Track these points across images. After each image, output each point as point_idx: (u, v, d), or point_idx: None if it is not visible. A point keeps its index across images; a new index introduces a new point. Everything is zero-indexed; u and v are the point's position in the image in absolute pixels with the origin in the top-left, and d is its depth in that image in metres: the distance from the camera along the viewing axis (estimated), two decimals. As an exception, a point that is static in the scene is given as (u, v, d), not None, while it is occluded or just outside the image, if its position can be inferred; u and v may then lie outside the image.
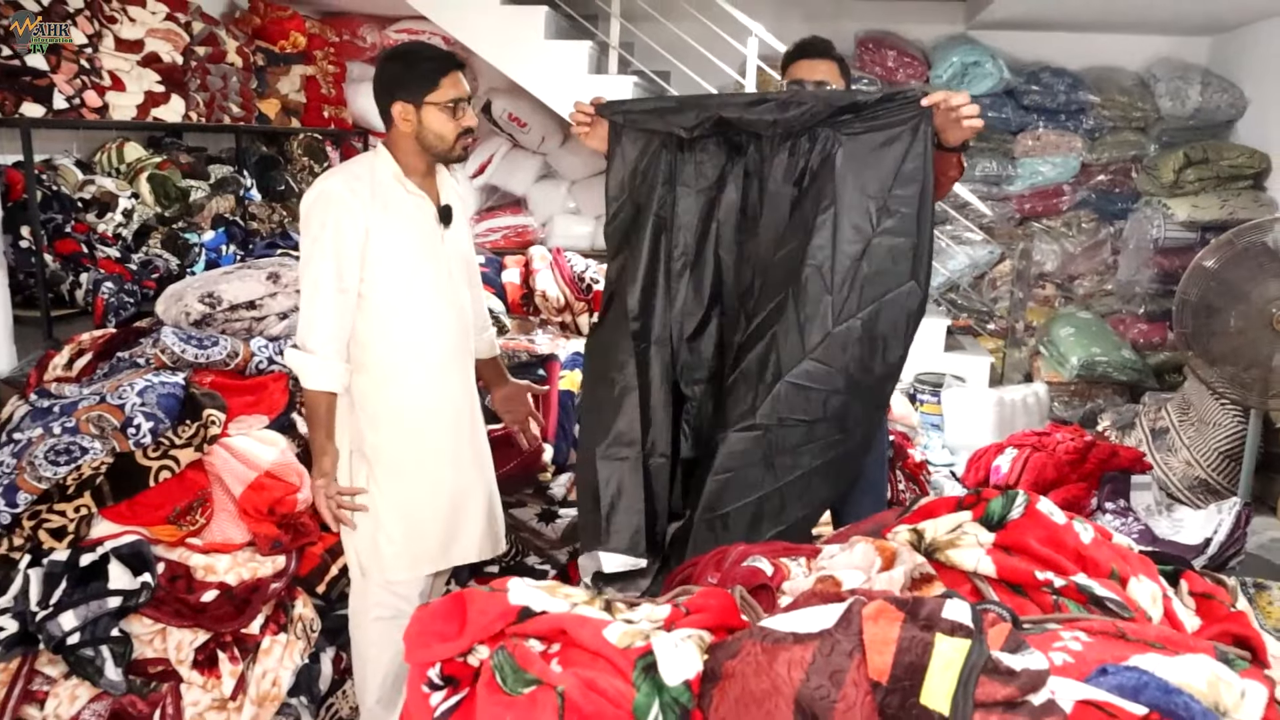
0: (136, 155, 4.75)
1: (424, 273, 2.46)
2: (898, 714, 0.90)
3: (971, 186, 6.12)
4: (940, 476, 4.53)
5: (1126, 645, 1.24)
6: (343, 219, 2.32)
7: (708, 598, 1.11)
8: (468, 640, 1.02)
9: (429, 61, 2.39)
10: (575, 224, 6.65)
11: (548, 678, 0.96)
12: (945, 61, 6.24)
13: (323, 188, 2.37)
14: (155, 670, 2.55)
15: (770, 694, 0.92)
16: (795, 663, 0.92)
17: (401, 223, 2.41)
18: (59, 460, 2.65)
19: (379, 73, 2.43)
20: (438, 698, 1.02)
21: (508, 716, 0.94)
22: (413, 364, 2.47)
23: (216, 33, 4.96)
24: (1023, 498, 1.50)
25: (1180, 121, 6.15)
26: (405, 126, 2.39)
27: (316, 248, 2.34)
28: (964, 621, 1.01)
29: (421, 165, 2.46)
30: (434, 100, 2.37)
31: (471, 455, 2.61)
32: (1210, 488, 4.56)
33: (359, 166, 2.44)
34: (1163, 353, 6.18)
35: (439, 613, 1.06)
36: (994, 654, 0.99)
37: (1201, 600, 1.58)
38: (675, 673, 0.97)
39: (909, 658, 0.94)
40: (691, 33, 5.80)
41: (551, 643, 1.03)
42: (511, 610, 1.03)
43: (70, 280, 4.19)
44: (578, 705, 0.93)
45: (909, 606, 1.01)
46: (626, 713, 0.94)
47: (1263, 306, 3.62)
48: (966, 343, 6.14)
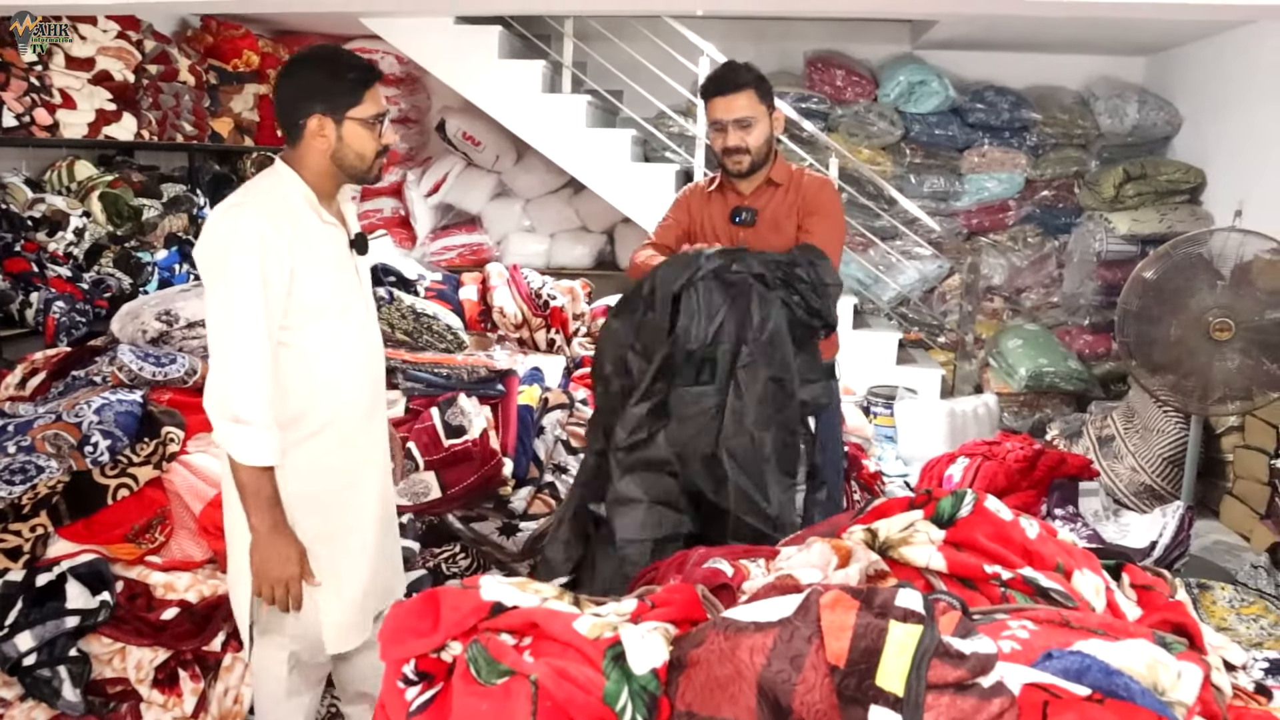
0: (88, 173, 4.72)
1: (349, 313, 2.18)
2: (854, 695, 0.95)
3: (920, 202, 6.25)
4: (895, 487, 4.61)
5: (1071, 632, 1.30)
6: (268, 259, 1.98)
7: (672, 593, 1.16)
8: (441, 636, 1.05)
9: (354, 71, 2.10)
10: (530, 242, 6.69)
11: (521, 668, 0.99)
12: (892, 80, 6.37)
13: (236, 221, 2.00)
14: (114, 690, 2.53)
15: (734, 679, 0.96)
16: (757, 649, 0.97)
17: (320, 258, 2.10)
18: (14, 479, 2.63)
19: (290, 79, 2.12)
20: (413, 692, 1.05)
21: (483, 706, 0.97)
22: (340, 412, 2.17)
23: (169, 51, 4.95)
24: (971, 496, 1.56)
25: (1119, 138, 6.33)
26: (320, 143, 2.08)
27: (238, 294, 1.97)
28: (916, 609, 1.06)
29: (331, 187, 2.17)
30: (356, 115, 2.09)
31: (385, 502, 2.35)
32: (1155, 493, 4.69)
33: (267, 193, 2.08)
34: (1107, 363, 6.34)
35: (413, 610, 1.08)
36: (945, 639, 1.04)
37: (1142, 591, 1.64)
38: (643, 662, 1.01)
39: (864, 643, 0.99)
40: (643, 52, 5.88)
41: (523, 636, 1.06)
42: (484, 605, 1.06)
43: (20, 299, 4.14)
44: (550, 693, 0.96)
45: (864, 596, 1.06)
46: (597, 700, 0.97)
47: (1199, 315, 3.74)
48: (918, 355, 6.25)
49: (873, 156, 6.38)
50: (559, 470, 3.22)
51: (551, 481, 3.16)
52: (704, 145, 5.79)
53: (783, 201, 2.78)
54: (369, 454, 2.27)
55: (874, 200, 6.32)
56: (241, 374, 1.99)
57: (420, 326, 3.35)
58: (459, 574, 2.92)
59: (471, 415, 3.02)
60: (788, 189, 2.79)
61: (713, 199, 2.87)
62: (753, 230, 2.78)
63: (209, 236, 2.03)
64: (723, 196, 2.85)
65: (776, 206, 2.78)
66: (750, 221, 2.77)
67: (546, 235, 6.74)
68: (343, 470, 2.20)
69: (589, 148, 5.74)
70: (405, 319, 3.40)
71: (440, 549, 2.94)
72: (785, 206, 2.77)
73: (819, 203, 2.76)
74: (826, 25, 6.67)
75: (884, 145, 6.42)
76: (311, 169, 2.12)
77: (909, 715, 0.95)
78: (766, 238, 2.77)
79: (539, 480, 3.14)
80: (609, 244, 6.81)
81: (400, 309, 3.39)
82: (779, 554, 1.64)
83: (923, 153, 6.43)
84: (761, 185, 2.80)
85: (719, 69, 2.78)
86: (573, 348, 3.85)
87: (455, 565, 2.93)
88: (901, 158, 6.44)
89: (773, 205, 2.78)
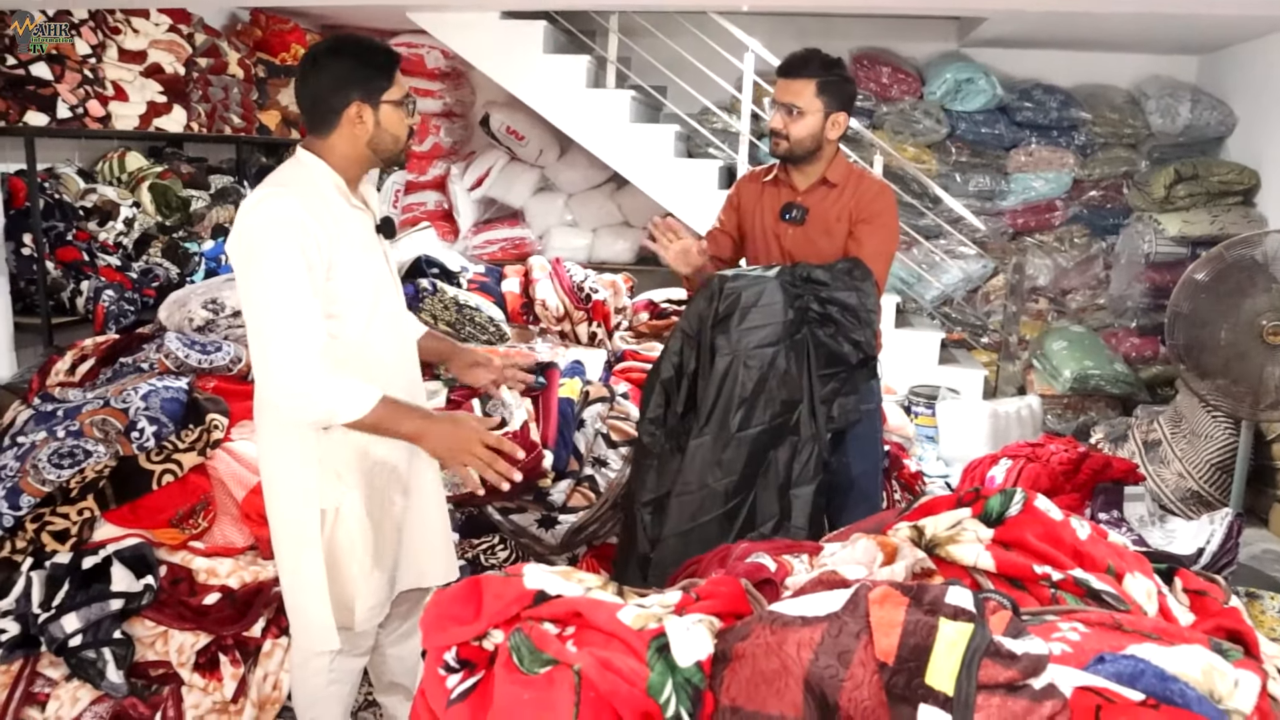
0: (138, 165, 4.79)
1: (381, 297, 2.17)
2: (903, 693, 0.93)
3: (965, 201, 6.18)
4: (935, 487, 4.56)
5: (1123, 636, 1.27)
6: (308, 246, 1.95)
7: (717, 586, 1.14)
8: (484, 624, 1.04)
9: (381, 55, 2.10)
10: (572, 236, 6.70)
11: (564, 657, 0.98)
12: (939, 78, 6.30)
13: (274, 208, 1.95)
14: (156, 673, 2.56)
15: (780, 673, 0.94)
16: (804, 643, 0.95)
17: (353, 246, 2.08)
18: (62, 463, 2.67)
19: (321, 70, 2.07)
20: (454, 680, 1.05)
21: (525, 695, 0.96)
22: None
23: (218, 44, 5.01)
24: (1020, 495, 1.53)
25: (1170, 138, 6.22)
26: (358, 130, 2.07)
27: (283, 278, 1.93)
28: (967, 607, 1.04)
29: (359, 172, 2.17)
30: (390, 98, 2.09)
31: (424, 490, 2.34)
32: (1202, 499, 4.60)
33: (300, 181, 2.05)
34: (1154, 366, 6.23)
35: (455, 597, 1.08)
36: (996, 638, 1.02)
37: (1195, 597, 1.61)
38: (688, 654, 0.99)
39: (914, 640, 0.97)
40: (688, 48, 5.86)
41: (566, 625, 1.05)
42: (527, 594, 1.06)
43: (71, 288, 4.23)
44: (594, 683, 0.95)
45: (913, 592, 1.04)
46: (641, 691, 0.96)
47: (1252, 319, 3.66)
48: (960, 356, 6.19)
49: (918, 155, 6.31)
50: (599, 464, 3.22)
51: (591, 475, 3.16)
52: (748, 141, 5.76)
53: (835, 203, 2.74)
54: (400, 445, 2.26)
55: (918, 199, 6.25)
56: (296, 350, 1.92)
57: (463, 318, 3.36)
58: (497, 565, 2.92)
59: (512, 407, 3.02)
60: (843, 190, 2.74)
61: (766, 190, 2.85)
62: (801, 229, 2.75)
63: (246, 225, 1.98)
64: (776, 189, 2.83)
65: (829, 208, 2.74)
66: (800, 220, 2.75)
67: (588, 230, 6.74)
68: (385, 453, 2.19)
69: (632, 143, 5.73)
70: (448, 310, 3.41)
71: (479, 540, 2.94)
72: (838, 209, 2.73)
73: (874, 210, 2.71)
74: (873, 22, 6.61)
75: (929, 143, 6.35)
76: (342, 156, 2.10)
77: (959, 715, 0.93)
78: (815, 239, 2.74)
79: (578, 473, 3.14)
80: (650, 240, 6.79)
81: (443, 300, 3.40)
82: (822, 549, 1.62)
83: (968, 151, 6.36)
84: (816, 184, 2.76)
85: (798, 52, 2.75)
86: (614, 341, 3.84)
87: (494, 556, 2.93)
88: (947, 156, 6.37)
89: (825, 206, 2.74)
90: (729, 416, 2.46)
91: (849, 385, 2.62)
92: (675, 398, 2.57)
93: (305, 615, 2.17)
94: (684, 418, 2.56)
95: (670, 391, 2.58)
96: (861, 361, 2.61)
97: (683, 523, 2.44)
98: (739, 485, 2.48)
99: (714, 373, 2.49)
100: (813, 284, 2.57)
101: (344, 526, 2.12)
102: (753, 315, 2.50)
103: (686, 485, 2.46)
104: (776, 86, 2.74)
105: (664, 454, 2.54)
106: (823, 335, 2.55)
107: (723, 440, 2.46)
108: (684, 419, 2.56)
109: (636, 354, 3.80)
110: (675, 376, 2.57)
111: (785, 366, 2.50)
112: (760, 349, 2.48)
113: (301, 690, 2.31)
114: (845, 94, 2.74)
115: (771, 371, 2.48)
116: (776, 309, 2.51)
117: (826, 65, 2.72)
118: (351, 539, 2.13)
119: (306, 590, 2.14)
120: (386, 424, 2.02)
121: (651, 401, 2.59)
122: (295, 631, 2.25)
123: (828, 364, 2.56)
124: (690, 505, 2.45)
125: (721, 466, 2.46)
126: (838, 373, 2.59)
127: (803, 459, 2.54)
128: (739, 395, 2.46)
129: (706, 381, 2.51)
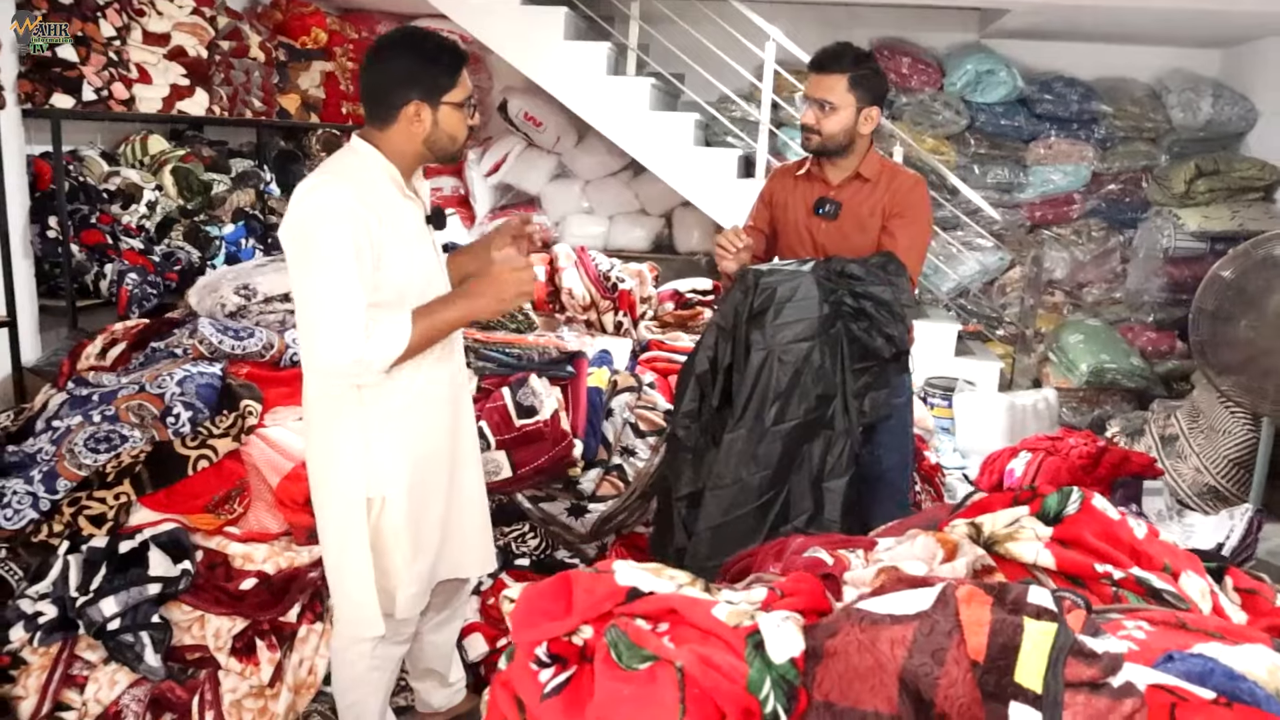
0: (160, 148, 4.79)
1: (430, 287, 2.18)
2: (994, 691, 0.94)
3: (983, 193, 6.17)
4: (953, 479, 4.57)
5: (1188, 635, 1.28)
6: (359, 234, 1.96)
7: (799, 582, 1.15)
8: (576, 619, 1.05)
9: (448, 55, 2.08)
10: (589, 224, 6.68)
11: (665, 654, 0.99)
12: (959, 69, 6.28)
13: (328, 195, 1.97)
14: (193, 657, 2.58)
15: (875, 670, 0.95)
16: (897, 641, 0.96)
17: (404, 236, 2.09)
18: (99, 448, 2.68)
19: (384, 64, 2.06)
20: (546, 674, 1.05)
21: (626, 690, 0.97)
22: (428, 386, 2.17)
23: (240, 27, 4.99)
24: (1078, 494, 1.54)
25: (1191, 133, 6.20)
26: (415, 128, 2.07)
27: (334, 264, 1.95)
28: (1049, 606, 1.05)
29: (414, 166, 2.16)
30: (451, 100, 2.08)
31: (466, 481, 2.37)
32: (1219, 494, 4.61)
33: (354, 170, 2.07)
34: (1170, 361, 6.23)
35: (545, 593, 1.09)
36: (1079, 637, 1.03)
37: (1246, 596, 1.62)
38: (782, 651, 1.00)
39: (1001, 639, 0.98)
40: (709, 35, 5.85)
41: (658, 621, 1.06)
42: (619, 590, 1.07)
43: (95, 271, 4.22)
44: (697, 680, 0.96)
45: (996, 591, 1.05)
46: (741, 688, 0.97)
47: (1278, 316, 3.67)
48: (976, 348, 6.18)
49: (937, 146, 6.30)
50: (627, 453, 3.23)
51: (620, 464, 3.17)
52: (767, 130, 5.75)
53: (869, 197, 2.74)
54: (456, 429, 2.30)
55: (936, 190, 6.23)
56: (345, 325, 1.94)
57: (493, 310, 3.37)
58: (528, 553, 2.94)
59: (543, 396, 3.03)
60: (877, 184, 2.75)
61: (799, 184, 2.85)
62: (835, 224, 2.76)
63: (300, 211, 1.99)
64: (810, 183, 2.83)
65: (862, 202, 2.74)
66: (833, 214, 2.75)
67: (605, 217, 6.73)
68: (432, 445, 2.21)
69: (652, 131, 5.72)
70: (474, 299, 3.41)
71: (509, 528, 2.96)
72: (872, 203, 2.74)
73: (908, 204, 2.72)
74: (894, 12, 6.58)
75: (948, 134, 6.33)
76: (398, 150, 2.10)
77: (1049, 713, 0.94)
78: (848, 234, 2.75)
79: (607, 462, 3.15)
80: (667, 227, 6.79)
81: (470, 288, 3.40)
82: (876, 544, 1.63)
83: (987, 143, 6.34)
84: (850, 178, 2.76)
85: (830, 46, 2.73)
86: (639, 331, 3.85)
87: (524, 544, 2.94)
88: (966, 147, 6.36)
89: (858, 200, 2.75)
90: (764, 411, 2.47)
91: (881, 380, 2.63)
92: (710, 392, 2.58)
93: (350, 601, 2.18)
94: (719, 412, 2.57)
95: (705, 385, 2.59)
96: (894, 356, 2.61)
97: (718, 516, 2.46)
98: (773, 479, 2.49)
99: (749, 367, 2.49)
100: (847, 278, 2.57)
101: (389, 515, 2.14)
102: (788, 310, 2.50)
103: (721, 479, 2.47)
104: (808, 81, 2.74)
105: (699, 448, 2.55)
106: (856, 329, 2.56)
107: (757, 434, 2.47)
108: (719, 413, 2.57)
109: (662, 344, 3.81)
110: (710, 371, 2.58)
111: (820, 361, 2.51)
112: (795, 344, 2.49)
113: (342, 675, 2.33)
114: (877, 88, 2.74)
115: (806, 366, 2.49)
116: (812, 304, 2.51)
117: (858, 60, 2.71)
118: (396, 528, 2.15)
119: (352, 577, 2.15)
120: (431, 331, 2.06)
121: (686, 395, 2.60)
122: (339, 618, 2.26)
123: (861, 358, 2.57)
124: (725, 499, 2.46)
125: (756, 460, 2.46)
126: (870, 367, 2.59)
127: (835, 452, 2.55)
128: (774, 390, 2.47)
129: (741, 376, 2.51)
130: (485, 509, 2.45)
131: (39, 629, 2.49)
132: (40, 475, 2.66)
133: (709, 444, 2.54)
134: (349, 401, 2.09)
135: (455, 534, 2.33)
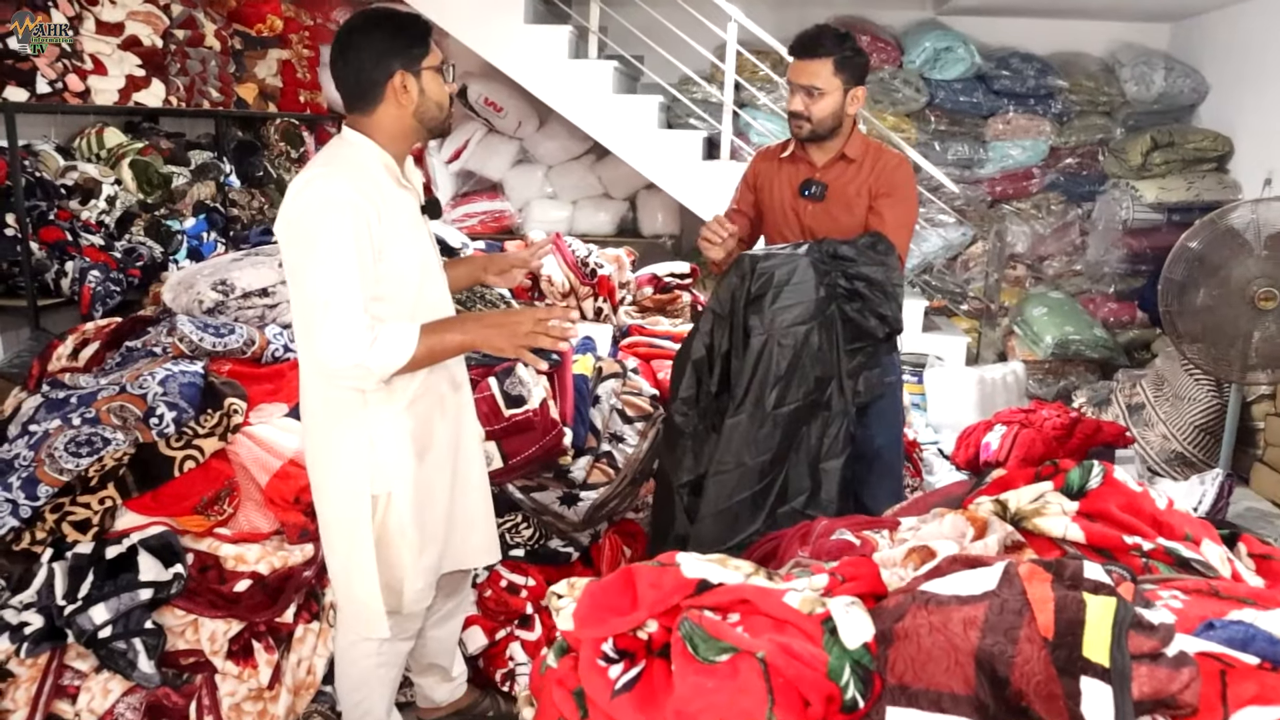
0: (116, 140, 4.66)
1: (428, 279, 2.17)
2: (1065, 666, 0.95)
3: (944, 169, 6.22)
4: (929, 454, 4.62)
5: (1221, 602, 1.30)
6: (359, 228, 1.93)
7: (857, 567, 1.15)
8: (644, 613, 1.04)
9: (414, 23, 2.06)
10: (552, 208, 6.65)
11: (744, 645, 0.98)
12: (918, 46, 6.33)
13: (325, 188, 1.94)
14: (188, 662, 2.53)
15: (948, 651, 0.96)
16: (969, 622, 0.97)
17: (402, 227, 2.06)
18: (80, 451, 2.61)
19: (358, 46, 2.02)
20: (615, 670, 1.04)
21: (709, 683, 0.96)
22: (431, 380, 2.16)
23: (195, 15, 4.87)
24: (1099, 468, 1.56)
25: (1145, 105, 6.31)
26: (404, 99, 2.03)
27: (334, 258, 1.92)
28: (1105, 580, 1.06)
29: (405, 149, 2.14)
30: (429, 64, 2.05)
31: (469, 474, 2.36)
32: (1187, 460, 4.72)
33: (349, 162, 2.03)
34: (1131, 330, 6.35)
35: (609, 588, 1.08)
36: (1137, 610, 1.05)
37: (1260, 560, 1.65)
38: (855, 636, 1.00)
39: (1067, 615, 0.99)
40: (669, 16, 5.82)
41: (728, 612, 1.06)
42: (688, 583, 1.06)
43: (55, 269, 4.11)
44: (780, 670, 0.96)
45: (1054, 568, 1.06)
46: (822, 675, 0.97)
47: (1243, 285, 3.75)
48: (941, 323, 6.25)
49: (897, 123, 6.34)
50: (616, 439, 3.21)
51: (609, 451, 3.15)
52: (730, 112, 5.74)
53: (855, 178, 2.75)
54: (459, 419, 2.28)
55: (899, 167, 6.28)
56: (347, 324, 1.92)
57: (473, 295, 3.33)
58: (522, 544, 2.92)
59: (530, 385, 3.00)
60: (862, 164, 2.76)
61: (784, 166, 2.85)
62: (821, 205, 2.76)
63: (297, 205, 1.96)
64: (794, 165, 2.83)
65: (848, 183, 2.75)
66: (819, 196, 2.76)
67: (568, 202, 6.70)
68: (436, 437, 2.19)
69: (614, 114, 5.68)
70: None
71: (502, 519, 2.93)
72: (858, 184, 2.75)
73: (893, 183, 2.73)
74: (851, -11, 6.61)
75: (908, 112, 6.38)
76: (389, 131, 2.07)
77: (1118, 685, 0.95)
78: (835, 215, 2.75)
79: (597, 449, 3.13)
80: (631, 210, 6.78)
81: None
82: (899, 524, 1.64)
83: (947, 119, 6.40)
84: (834, 159, 2.77)
85: (808, 31, 2.72)
86: (619, 316, 3.83)
87: (518, 535, 2.92)
88: (926, 124, 6.41)
89: (844, 181, 2.75)
90: (764, 395, 2.47)
91: (873, 360, 2.64)
92: (707, 378, 2.57)
93: (356, 602, 2.16)
94: (717, 398, 2.57)
95: (702, 372, 2.58)
96: (887, 335, 2.63)
97: (720, 501, 2.46)
98: (773, 462, 2.50)
99: (748, 352, 2.49)
100: (839, 260, 2.58)
101: (395, 512, 2.11)
102: (785, 294, 2.51)
103: (723, 464, 2.47)
104: (791, 68, 2.73)
105: (698, 434, 2.55)
106: (850, 310, 2.57)
107: (758, 418, 2.47)
108: (717, 399, 2.57)
109: (643, 329, 3.79)
110: (707, 357, 2.58)
111: (818, 344, 2.52)
112: (794, 327, 2.49)
113: (348, 675, 2.30)
114: (860, 67, 2.74)
115: (805, 349, 2.50)
116: (808, 287, 2.52)
117: (840, 41, 2.70)
118: (402, 524, 2.12)
119: (357, 577, 2.13)
120: (438, 349, 2.03)
121: (683, 382, 2.59)
122: (344, 618, 2.24)
123: (854, 339, 2.59)
124: (728, 484, 2.46)
125: (758, 444, 2.47)
126: (863, 347, 2.61)
127: (832, 433, 2.57)
128: (774, 374, 2.48)
129: (741, 361, 2.51)
130: (488, 497, 2.43)
131: (25, 640, 2.42)
132: (19, 482, 2.57)
133: (708, 430, 2.54)
134: (351, 399, 2.05)
135: (460, 525, 2.31)
